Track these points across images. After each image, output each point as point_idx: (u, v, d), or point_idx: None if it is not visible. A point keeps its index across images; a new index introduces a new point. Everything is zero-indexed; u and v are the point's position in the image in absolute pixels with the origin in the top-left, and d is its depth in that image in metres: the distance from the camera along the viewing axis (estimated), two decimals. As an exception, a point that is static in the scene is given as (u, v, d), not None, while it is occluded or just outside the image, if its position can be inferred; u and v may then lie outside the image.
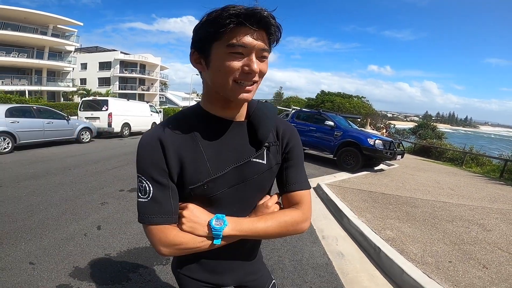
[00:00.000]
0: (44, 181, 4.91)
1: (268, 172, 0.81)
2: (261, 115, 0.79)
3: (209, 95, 0.76)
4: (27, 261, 2.42)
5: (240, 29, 0.62)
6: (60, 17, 26.80)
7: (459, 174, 9.46)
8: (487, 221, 4.01)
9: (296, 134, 0.88)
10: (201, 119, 0.77)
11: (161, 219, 0.71)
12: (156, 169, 0.71)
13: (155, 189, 0.71)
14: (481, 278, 2.37)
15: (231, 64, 0.64)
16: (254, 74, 0.65)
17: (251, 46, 0.63)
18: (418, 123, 27.34)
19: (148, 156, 0.71)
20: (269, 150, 0.81)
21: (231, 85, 0.66)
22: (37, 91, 25.66)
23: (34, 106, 9.06)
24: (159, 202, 0.71)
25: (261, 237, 0.78)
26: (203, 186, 0.73)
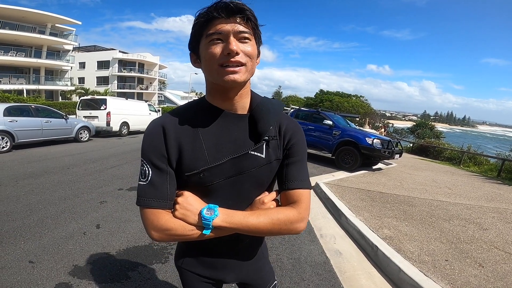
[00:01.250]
0: (43, 180, 4.91)
1: (266, 166, 0.81)
2: (263, 109, 0.81)
3: (209, 88, 0.80)
4: (27, 259, 2.43)
5: (214, 21, 0.69)
6: (58, 16, 26.72)
7: (457, 173, 9.50)
8: (484, 220, 4.04)
9: (300, 131, 0.87)
10: (204, 110, 0.80)
11: (156, 203, 0.74)
12: (156, 154, 0.74)
13: (154, 173, 0.74)
14: (477, 277, 2.40)
15: (212, 50, 0.69)
16: (234, 53, 0.67)
17: (225, 30, 0.68)
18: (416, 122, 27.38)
19: (150, 141, 0.76)
20: (268, 144, 0.81)
21: (217, 69, 0.70)
22: (35, 90, 25.54)
23: (32, 105, 9.03)
24: (156, 186, 0.74)
25: (252, 232, 0.76)
26: (199, 174, 0.75)
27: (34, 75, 26.47)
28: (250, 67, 0.73)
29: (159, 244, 2.85)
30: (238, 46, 0.68)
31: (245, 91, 0.80)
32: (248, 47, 0.71)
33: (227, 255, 0.89)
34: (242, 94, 0.79)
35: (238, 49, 0.68)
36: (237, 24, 0.68)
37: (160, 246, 2.80)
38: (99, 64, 36.66)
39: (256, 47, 0.75)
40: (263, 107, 0.81)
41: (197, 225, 0.74)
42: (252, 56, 0.72)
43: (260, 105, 0.81)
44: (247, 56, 0.71)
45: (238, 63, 0.69)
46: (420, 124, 24.68)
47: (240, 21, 0.69)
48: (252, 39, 0.72)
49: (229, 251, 0.88)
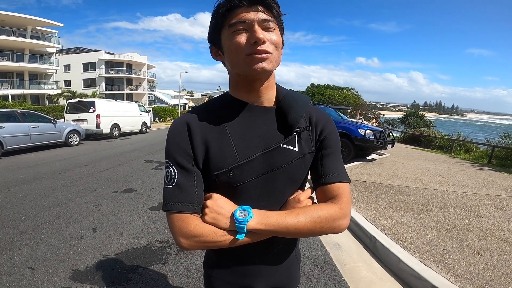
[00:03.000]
0: (35, 186, 4.81)
1: (300, 160, 0.75)
2: (291, 100, 0.76)
3: (233, 81, 0.76)
4: (26, 265, 2.40)
5: (236, 11, 0.65)
6: (38, 19, 25.86)
7: (448, 161, 9.66)
8: (478, 208, 4.12)
9: (331, 121, 0.82)
10: (229, 105, 0.76)
11: (184, 207, 0.68)
12: (181, 154, 0.70)
13: (180, 174, 0.69)
14: (477, 265, 2.42)
15: (238, 40, 0.66)
16: (260, 41, 0.64)
17: (249, 19, 0.65)
18: (406, 112, 27.75)
19: (174, 140, 0.71)
20: (300, 136, 0.76)
21: (244, 59, 0.67)
22: (20, 95, 24.91)
23: (18, 111, 8.84)
24: (182, 188, 0.69)
25: (291, 234, 0.69)
26: (228, 173, 0.70)
27: (18, 79, 25.71)
28: (277, 56, 0.69)
29: (158, 245, 2.82)
30: (264, 34, 0.65)
31: (271, 83, 0.76)
32: (274, 36, 0.68)
33: (260, 261, 0.82)
34: (268, 86, 0.75)
35: (265, 37, 0.65)
36: (260, 13, 0.66)
37: (159, 247, 2.78)
38: (85, 66, 35.88)
39: (281, 36, 0.71)
40: (291, 98, 0.77)
41: (229, 229, 0.68)
42: (278, 45, 0.69)
43: (288, 96, 0.77)
44: (273, 45, 0.67)
45: (266, 52, 0.66)
46: (410, 114, 25.04)
47: (263, 10, 0.66)
48: (276, 28, 0.69)
49: (261, 256, 0.82)
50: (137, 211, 3.73)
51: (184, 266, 2.46)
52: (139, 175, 5.78)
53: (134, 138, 13.18)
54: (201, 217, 0.70)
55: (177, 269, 2.41)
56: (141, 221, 3.41)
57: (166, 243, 2.87)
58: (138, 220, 3.43)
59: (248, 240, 0.69)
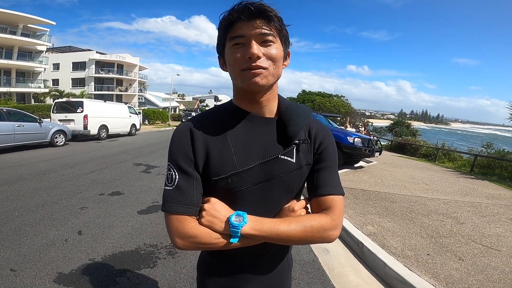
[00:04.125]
0: (18, 187, 4.69)
1: (297, 171, 0.78)
2: (292, 112, 0.79)
3: (236, 92, 0.79)
4: (8, 268, 2.34)
5: (236, 24, 0.68)
6: (31, 16, 25.44)
7: (433, 169, 9.90)
8: (460, 214, 4.24)
9: (330, 135, 0.85)
10: (232, 114, 0.78)
11: (182, 209, 0.71)
12: (182, 158, 0.73)
13: (180, 177, 0.72)
14: (458, 270, 2.50)
15: (235, 55, 0.69)
16: (254, 57, 0.66)
17: (247, 34, 0.67)
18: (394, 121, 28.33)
19: (177, 144, 0.74)
20: (299, 148, 0.78)
21: (239, 74, 0.69)
22: (6, 93, 24.25)
23: (3, 109, 8.60)
24: (182, 191, 0.71)
25: (282, 241, 0.71)
26: (227, 179, 0.72)
27: (5, 77, 25.00)
28: (274, 71, 0.71)
29: (146, 249, 2.79)
30: (259, 49, 0.67)
31: (272, 95, 0.78)
32: (272, 50, 0.69)
33: (253, 265, 0.84)
34: (269, 98, 0.77)
35: (259, 53, 0.67)
36: (259, 27, 0.67)
37: (147, 251, 2.74)
38: (75, 65, 35.24)
39: (282, 48, 0.73)
40: (292, 110, 0.79)
41: (223, 233, 0.70)
42: (276, 59, 0.70)
43: (289, 108, 0.80)
44: (270, 60, 0.69)
45: (260, 67, 0.67)
46: (398, 122, 25.55)
47: (261, 23, 0.67)
48: (276, 41, 0.70)
49: (255, 261, 0.84)
50: (124, 215, 3.67)
51: (174, 270, 2.44)
52: (127, 178, 5.70)
53: (123, 140, 13.00)
54: (197, 219, 0.72)
55: (167, 273, 2.39)
56: (129, 225, 3.36)
57: (155, 247, 2.84)
58: (125, 224, 3.38)
59: (240, 245, 0.71)
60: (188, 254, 2.70)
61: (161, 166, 7.17)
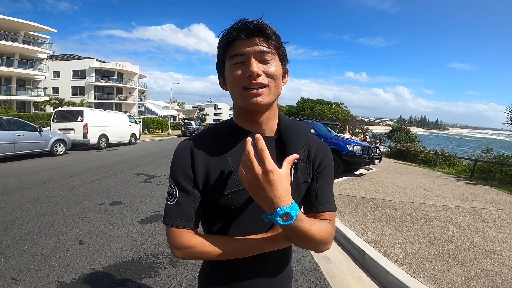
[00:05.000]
0: (18, 196, 4.68)
1: (294, 189, 0.77)
2: (292, 131, 0.80)
3: (237, 111, 0.80)
4: (9, 276, 2.34)
5: (235, 43, 0.69)
6: (32, 23, 25.48)
7: (433, 175, 9.90)
8: (462, 220, 4.24)
9: (329, 153, 0.87)
10: (232, 132, 0.79)
11: (180, 223, 0.74)
12: (183, 176, 0.75)
13: (180, 195, 0.75)
14: (461, 276, 2.50)
15: (235, 73, 0.70)
16: (254, 75, 0.67)
17: (246, 52, 0.68)
18: (393, 127, 28.39)
19: (178, 163, 0.76)
20: (297, 167, 0.80)
21: (240, 93, 0.70)
22: (6, 101, 24.29)
23: (3, 118, 8.63)
24: (181, 207, 0.74)
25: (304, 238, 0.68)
26: (227, 196, 0.74)
27: (5, 84, 24.99)
28: (274, 88, 0.72)
29: (147, 258, 2.78)
30: (259, 67, 0.68)
31: (273, 113, 0.79)
32: (271, 68, 0.70)
33: (253, 277, 0.84)
34: (269, 116, 0.78)
35: (259, 70, 0.68)
36: (258, 45, 0.68)
37: (148, 261, 2.73)
38: (75, 73, 35.38)
39: (281, 66, 0.74)
40: (292, 129, 0.80)
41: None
42: (276, 76, 0.71)
43: (288, 127, 0.81)
44: (270, 77, 0.70)
45: (260, 85, 0.68)
46: (397, 129, 25.59)
47: (260, 41, 0.69)
48: (275, 59, 0.71)
49: (255, 272, 0.84)
50: (125, 224, 3.66)
51: (175, 280, 2.43)
52: (127, 188, 5.69)
53: (123, 150, 13.00)
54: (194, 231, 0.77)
55: (168, 283, 2.37)
56: (129, 234, 3.35)
57: (156, 257, 2.83)
58: (126, 233, 3.38)
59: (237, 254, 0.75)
60: (189, 264, 2.69)
61: (161, 175, 7.16)
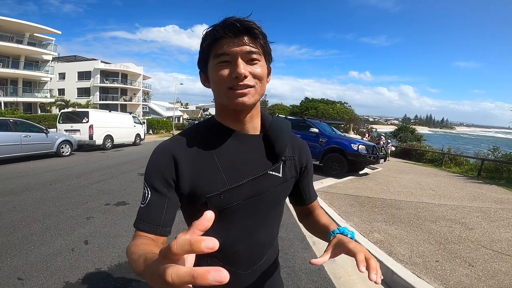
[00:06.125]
0: (24, 196, 4.73)
1: (283, 185, 0.82)
2: (278, 130, 0.81)
3: (219, 109, 0.78)
4: (15, 276, 2.35)
5: (221, 41, 0.67)
6: (37, 25, 25.55)
7: (439, 174, 9.81)
8: (469, 220, 4.19)
9: (308, 148, 0.94)
10: (216, 132, 0.78)
11: (147, 228, 0.69)
12: (158, 180, 0.70)
13: (152, 196, 0.70)
14: (469, 276, 2.47)
15: (221, 73, 0.68)
16: (242, 77, 0.66)
17: (233, 52, 0.66)
18: (398, 126, 28.18)
19: (155, 166, 0.72)
20: (285, 163, 0.82)
21: (226, 93, 0.68)
22: (13, 103, 24.55)
23: (10, 119, 8.73)
24: (151, 210, 0.70)
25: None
26: (219, 196, 0.72)
27: (11, 86, 25.22)
28: (260, 89, 0.72)
29: (151, 258, 2.78)
30: (246, 68, 0.67)
31: (256, 112, 0.79)
32: (257, 69, 0.69)
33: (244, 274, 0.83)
34: (253, 115, 0.78)
35: (246, 72, 0.67)
36: (245, 45, 0.67)
37: (152, 261, 2.74)
38: (80, 75, 35.68)
39: (266, 65, 0.74)
40: (277, 127, 0.81)
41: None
42: (262, 77, 0.71)
43: (274, 125, 0.81)
44: (256, 78, 0.69)
45: (247, 86, 0.68)
46: (402, 128, 25.41)
47: (248, 41, 0.67)
48: (261, 59, 0.71)
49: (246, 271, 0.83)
50: (130, 224, 3.67)
51: (178, 280, 2.42)
52: (132, 188, 5.71)
53: (127, 150, 13.07)
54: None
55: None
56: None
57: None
58: (131, 233, 3.39)
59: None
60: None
61: (165, 174, 7.16)
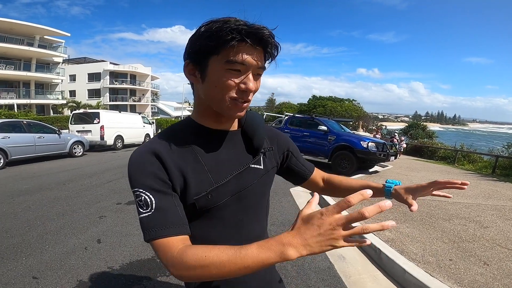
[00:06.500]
0: (39, 196, 4.84)
1: (265, 176, 0.84)
2: (254, 124, 0.82)
3: (202, 109, 0.75)
4: (30, 275, 2.40)
5: (240, 46, 0.60)
6: (47, 28, 26.03)
7: (452, 172, 9.62)
8: (484, 218, 4.09)
9: (284, 134, 0.97)
10: (196, 132, 0.75)
11: (172, 230, 0.61)
12: (154, 179, 0.63)
13: (158, 198, 0.62)
14: (483, 275, 2.41)
15: (229, 81, 0.63)
16: (250, 92, 0.65)
17: (250, 64, 0.62)
18: (408, 123, 27.78)
19: (141, 167, 0.65)
20: (265, 155, 0.84)
21: (228, 102, 0.65)
22: (26, 105, 25.13)
23: (24, 121, 8.95)
24: (165, 211, 0.62)
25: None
26: (206, 196, 0.70)
27: (24, 88, 25.81)
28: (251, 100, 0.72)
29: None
30: (255, 84, 0.66)
31: None
32: (259, 84, 0.69)
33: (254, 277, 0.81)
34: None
35: (254, 87, 0.65)
36: (261, 60, 0.64)
37: (163, 259, 2.77)
38: (90, 76, 36.33)
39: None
40: (253, 122, 0.82)
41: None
42: (257, 91, 0.70)
43: (249, 119, 0.82)
44: (254, 92, 0.68)
45: (248, 101, 0.68)
46: (413, 125, 25.05)
47: (264, 55, 0.65)
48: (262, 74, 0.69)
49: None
50: (141, 222, 3.72)
51: (189, 278, 2.45)
52: (142, 186, 5.78)
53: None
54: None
55: (182, 282, 2.39)
56: (145, 232, 3.40)
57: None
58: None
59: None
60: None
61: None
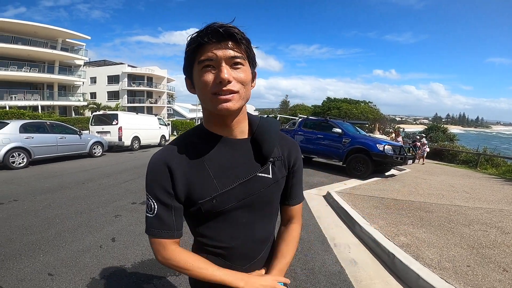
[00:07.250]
0: (59, 195, 5.02)
1: (274, 185, 0.84)
2: (265, 132, 0.82)
3: (206, 116, 0.80)
4: (46, 272, 2.48)
5: (205, 46, 0.67)
6: (68, 31, 26.86)
7: (474, 176, 9.25)
8: (506, 224, 3.91)
9: (299, 149, 0.94)
10: (205, 139, 0.80)
11: (164, 234, 0.77)
12: (161, 191, 0.76)
13: (159, 208, 0.76)
14: (502, 282, 2.31)
15: (205, 78, 0.68)
16: (225, 82, 0.66)
17: (216, 57, 0.67)
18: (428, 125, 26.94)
19: (154, 179, 0.76)
20: (274, 164, 0.84)
21: (210, 98, 0.69)
22: (49, 106, 26.08)
23: (47, 122, 9.30)
24: (162, 219, 0.76)
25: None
26: (211, 200, 0.76)
27: (48, 90, 26.69)
28: (244, 94, 0.72)
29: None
30: (230, 73, 0.68)
31: (242, 116, 0.80)
32: (241, 74, 0.70)
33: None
34: (239, 119, 0.79)
35: (230, 77, 0.67)
36: (229, 50, 0.67)
37: (174, 258, 2.81)
38: (109, 78, 37.39)
39: (251, 70, 0.74)
40: (264, 129, 0.82)
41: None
42: (245, 82, 0.71)
43: (261, 127, 0.82)
44: (240, 83, 0.70)
45: (231, 91, 0.68)
46: (432, 127, 24.27)
47: (232, 46, 0.68)
48: (245, 64, 0.71)
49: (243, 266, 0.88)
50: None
51: (199, 278, 2.46)
52: (157, 186, 5.88)
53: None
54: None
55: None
56: (158, 232, 3.46)
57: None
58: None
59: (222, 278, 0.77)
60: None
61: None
